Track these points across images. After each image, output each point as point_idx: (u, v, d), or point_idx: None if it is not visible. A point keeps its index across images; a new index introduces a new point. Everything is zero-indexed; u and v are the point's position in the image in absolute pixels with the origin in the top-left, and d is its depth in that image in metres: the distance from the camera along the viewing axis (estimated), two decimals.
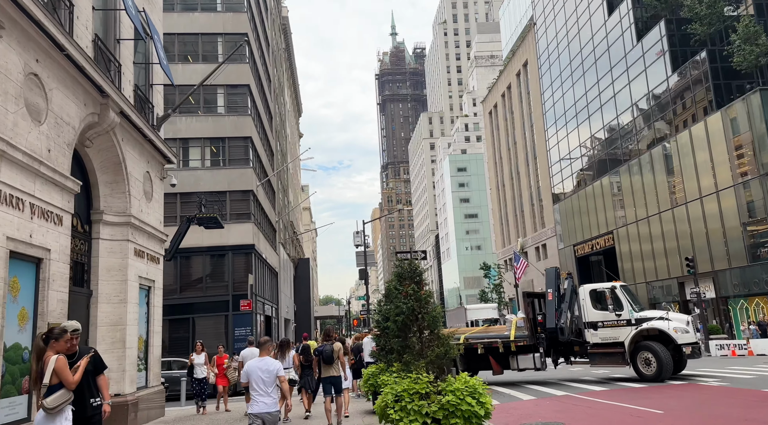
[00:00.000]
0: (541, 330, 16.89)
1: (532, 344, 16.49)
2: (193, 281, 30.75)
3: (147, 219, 13.03)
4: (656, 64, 41.39)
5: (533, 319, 17.00)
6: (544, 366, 16.51)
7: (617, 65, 46.50)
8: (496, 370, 16.80)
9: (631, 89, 45.17)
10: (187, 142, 31.81)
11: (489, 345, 16.65)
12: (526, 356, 16.52)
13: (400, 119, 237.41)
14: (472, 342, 16.74)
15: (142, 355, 12.75)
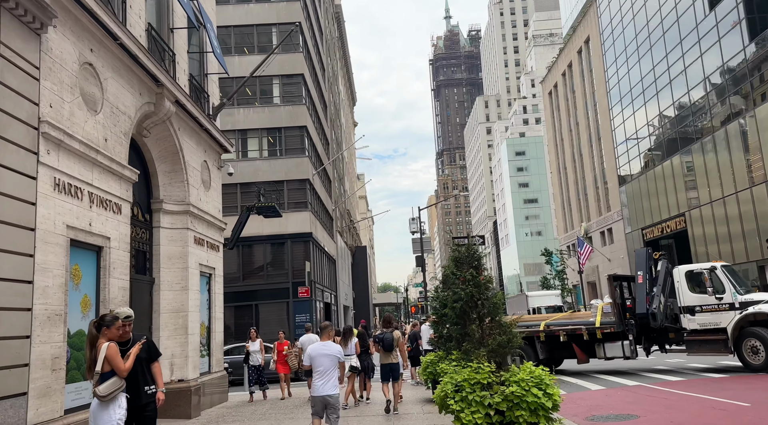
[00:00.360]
0: (631, 315, 15.83)
1: (621, 331, 15.47)
2: (255, 269, 31.45)
3: (206, 208, 13.19)
4: (731, 34, 38.43)
5: (621, 304, 15.93)
6: (634, 355, 15.44)
7: (687, 37, 43.56)
8: (581, 359, 15.94)
9: (703, 62, 42.26)
10: (245, 133, 32.37)
11: (572, 332, 15.78)
12: (614, 344, 15.52)
13: (455, 104, 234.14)
14: (553, 329, 15.97)
15: (204, 341, 12.98)
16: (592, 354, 15.92)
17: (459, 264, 7.79)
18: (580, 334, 15.73)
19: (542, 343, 15.89)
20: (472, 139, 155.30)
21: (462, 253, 7.75)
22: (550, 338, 15.98)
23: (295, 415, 10.86)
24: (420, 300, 38.65)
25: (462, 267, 7.74)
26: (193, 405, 11.12)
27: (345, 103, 67.69)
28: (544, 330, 15.98)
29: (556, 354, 16.29)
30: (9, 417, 5.88)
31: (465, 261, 7.72)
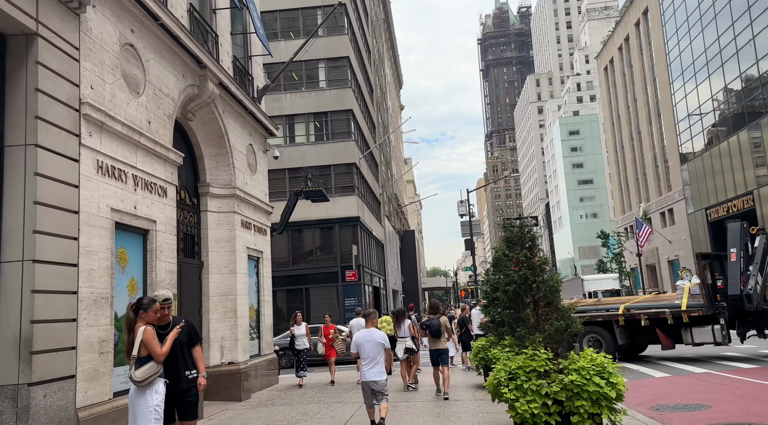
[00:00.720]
0: (722, 297, 14.47)
1: (711, 314, 14.20)
2: (304, 253, 31.69)
3: (252, 192, 13.14)
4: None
5: (711, 285, 14.63)
6: (726, 340, 14.15)
7: (756, 3, 40.45)
8: (666, 344, 14.78)
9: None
10: (292, 118, 32.46)
11: (655, 315, 14.57)
12: (703, 328, 14.28)
13: (504, 84, 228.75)
14: (634, 313, 14.83)
15: (254, 324, 13.02)
16: (678, 340, 14.70)
17: (511, 245, 7.31)
18: (663, 318, 14.50)
19: (622, 328, 14.83)
20: (522, 120, 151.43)
21: (515, 233, 7.26)
22: (631, 322, 14.87)
23: (344, 399, 10.71)
24: (470, 284, 38.08)
25: (514, 248, 7.25)
26: (243, 388, 11.15)
27: (391, 86, 67.07)
28: (623, 313, 14.83)
29: (638, 339, 15.25)
30: (58, 400, 5.90)
31: (518, 242, 7.23)
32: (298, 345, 13.19)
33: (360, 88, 36.65)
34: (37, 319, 5.71)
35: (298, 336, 13.20)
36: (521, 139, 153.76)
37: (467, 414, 8.57)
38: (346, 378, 14.03)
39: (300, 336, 13.20)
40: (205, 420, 8.97)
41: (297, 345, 13.20)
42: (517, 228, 7.28)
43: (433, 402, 9.78)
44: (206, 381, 5.37)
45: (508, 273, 7.14)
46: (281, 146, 32.02)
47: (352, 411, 9.31)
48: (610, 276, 40.04)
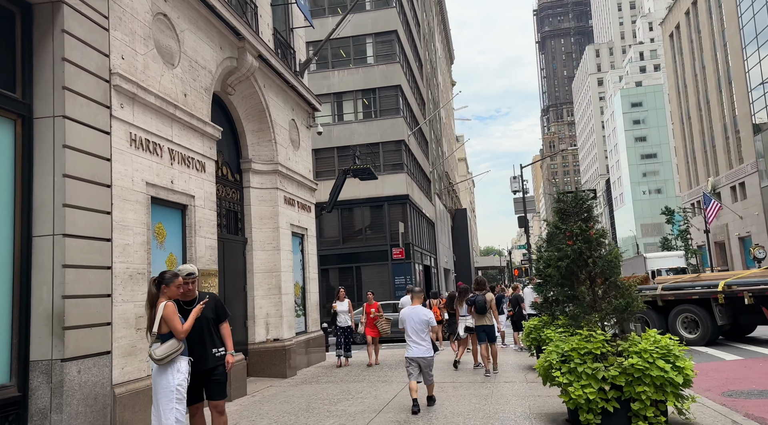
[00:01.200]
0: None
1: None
2: (354, 232, 31.62)
3: (295, 168, 12.92)
4: None
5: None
6: None
7: None
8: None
9: None
10: (340, 96, 32.17)
11: (761, 293, 12.98)
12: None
13: (561, 56, 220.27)
14: (736, 290, 13.41)
15: (299, 301, 12.91)
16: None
17: (565, 217, 6.69)
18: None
19: (722, 307, 13.54)
20: (581, 93, 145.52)
21: (568, 203, 6.62)
22: (732, 300, 13.50)
23: (390, 378, 10.44)
24: (523, 263, 37.05)
25: (568, 220, 6.62)
26: (289, 365, 11.06)
27: (442, 61, 65.59)
28: (723, 290, 13.49)
29: (743, 319, 13.95)
30: (93, 376, 5.85)
31: (572, 213, 6.59)
32: (340, 322, 12.58)
33: (409, 63, 35.87)
34: (69, 294, 5.63)
35: (340, 312, 12.59)
36: (579, 113, 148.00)
37: (517, 397, 8.08)
38: (393, 357, 13.79)
39: (342, 313, 12.57)
40: (248, 397, 8.90)
41: (339, 323, 12.61)
42: (571, 197, 6.64)
43: (481, 384, 9.34)
44: (235, 359, 5.14)
45: (561, 248, 6.53)
46: (329, 124, 31.88)
47: (396, 390, 9.00)
48: (675, 254, 37.93)
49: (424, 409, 7.38)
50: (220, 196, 10.45)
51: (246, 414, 7.60)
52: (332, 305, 12.89)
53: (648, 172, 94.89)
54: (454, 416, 6.99)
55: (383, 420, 6.91)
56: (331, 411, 7.56)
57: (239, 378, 8.82)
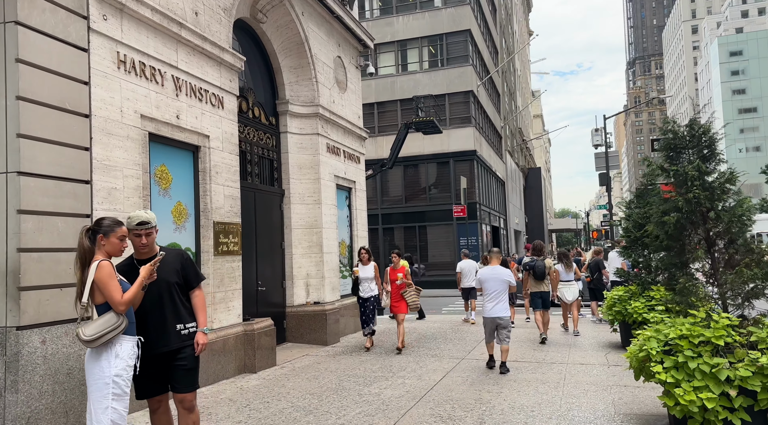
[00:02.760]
0: None
1: None
2: (418, 190, 30.04)
3: (341, 112, 11.47)
4: None
5: None
6: None
7: None
8: None
9: None
10: (404, 44, 30.13)
11: None
12: None
13: (651, 3, 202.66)
14: None
15: (345, 261, 11.69)
16: None
17: (674, 156, 4.83)
18: None
19: None
20: (672, 42, 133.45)
21: (679, 135, 4.76)
22: None
23: (441, 352, 9.05)
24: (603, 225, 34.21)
25: (680, 158, 4.78)
26: (329, 331, 9.92)
27: (518, 7, 61.15)
28: None
29: None
30: (63, 347, 4.82)
31: (685, 148, 4.73)
32: (363, 291, 9.64)
33: (480, 6, 33.05)
34: (27, 247, 4.56)
35: (363, 279, 9.64)
36: (670, 65, 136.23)
37: (596, 386, 6.45)
38: (448, 321, 12.39)
39: (366, 281, 9.63)
40: (276, 368, 7.81)
41: (361, 292, 9.66)
42: (685, 127, 4.76)
43: (550, 365, 7.75)
44: (207, 338, 3.84)
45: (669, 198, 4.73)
46: (393, 75, 30.06)
47: (446, 369, 7.60)
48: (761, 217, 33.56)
49: (476, 402, 5.93)
50: (251, 141, 9.22)
51: (263, 393, 6.47)
52: (353, 270, 10.10)
53: (746, 128, 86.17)
54: (513, 411, 5.50)
55: (421, 413, 5.53)
56: (362, 395, 6.27)
57: (266, 346, 7.72)
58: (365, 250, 9.78)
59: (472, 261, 13.95)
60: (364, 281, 9.60)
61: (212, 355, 6.81)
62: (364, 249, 9.78)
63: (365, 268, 9.64)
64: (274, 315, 9.33)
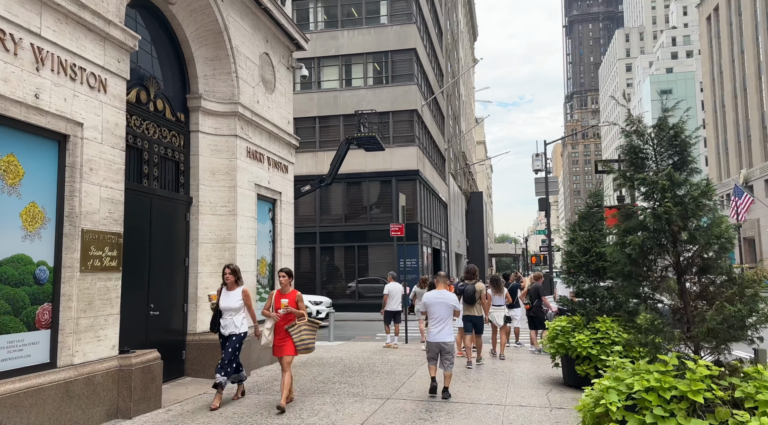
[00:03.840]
0: None
1: None
2: (360, 208, 29.00)
3: (266, 114, 10.30)
4: None
5: None
6: None
7: None
8: None
9: None
10: (349, 59, 29.33)
11: None
12: None
13: (589, 42, 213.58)
14: None
15: (266, 282, 10.39)
16: None
17: (640, 160, 3.96)
18: None
19: None
20: (608, 79, 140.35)
21: (647, 136, 3.89)
22: None
23: (364, 390, 7.89)
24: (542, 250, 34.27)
25: (644, 166, 3.92)
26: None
27: (464, 35, 62.12)
28: None
29: None
30: None
31: (654, 151, 3.87)
32: (223, 327, 6.92)
33: (426, 27, 32.81)
34: None
35: (224, 310, 6.90)
36: (605, 101, 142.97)
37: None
38: (379, 349, 11.27)
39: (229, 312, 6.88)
40: (160, 412, 6.40)
41: (222, 328, 6.94)
42: (652, 128, 3.91)
43: (486, 408, 6.74)
44: None
45: (634, 213, 3.84)
46: (336, 90, 29.14)
47: (367, 413, 6.44)
48: None
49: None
50: (150, 137, 7.89)
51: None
52: (210, 295, 7.23)
53: None
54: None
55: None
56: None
57: (148, 385, 6.32)
58: (227, 270, 6.78)
59: (399, 284, 13.40)
60: (226, 313, 6.84)
61: (69, 398, 5.38)
62: (228, 269, 6.80)
63: (228, 295, 6.81)
64: (171, 345, 7.93)
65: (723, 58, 63.15)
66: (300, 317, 6.74)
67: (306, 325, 6.73)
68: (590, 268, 8.25)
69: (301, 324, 6.70)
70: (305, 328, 6.71)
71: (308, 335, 6.71)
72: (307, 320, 6.79)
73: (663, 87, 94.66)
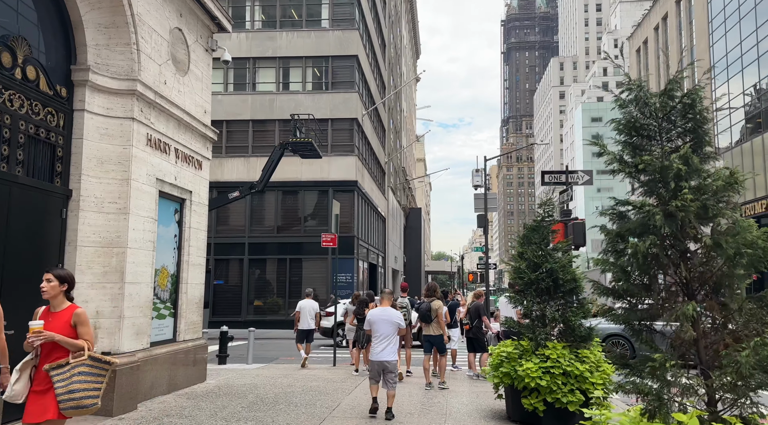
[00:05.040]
0: None
1: None
2: (294, 219, 27.37)
3: (176, 99, 8.81)
4: None
5: None
6: None
7: None
8: None
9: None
10: (287, 61, 27.97)
11: None
12: None
13: (525, 69, 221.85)
14: None
15: (167, 296, 8.79)
16: None
17: (641, 138, 2.91)
18: None
19: None
20: (542, 105, 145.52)
21: (652, 105, 2.86)
22: None
23: (277, 419, 6.50)
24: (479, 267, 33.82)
25: (649, 147, 2.88)
26: (121, 395, 6.95)
27: (407, 50, 62.10)
28: None
29: None
30: None
31: (661, 127, 2.84)
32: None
33: (369, 35, 31.99)
34: None
35: None
36: (539, 126, 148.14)
37: None
38: (303, 373, 9.86)
39: None
40: None
41: None
42: (659, 97, 2.89)
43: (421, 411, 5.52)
44: None
45: (640, 208, 2.77)
46: (272, 93, 27.64)
47: None
48: None
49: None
50: (14, 112, 6.27)
51: None
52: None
53: (603, 188, 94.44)
54: None
55: None
56: None
57: None
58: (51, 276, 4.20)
59: (313, 302, 12.50)
60: None
61: None
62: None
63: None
64: None
65: (651, 90, 66.42)
66: (76, 352, 3.97)
67: (86, 368, 3.96)
68: (540, 287, 7.28)
69: (75, 365, 3.92)
70: (83, 372, 3.93)
71: (86, 384, 3.91)
72: (87, 357, 3.99)
73: (594, 115, 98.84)
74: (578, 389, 6.72)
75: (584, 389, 6.71)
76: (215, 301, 26.17)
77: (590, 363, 6.87)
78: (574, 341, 7.07)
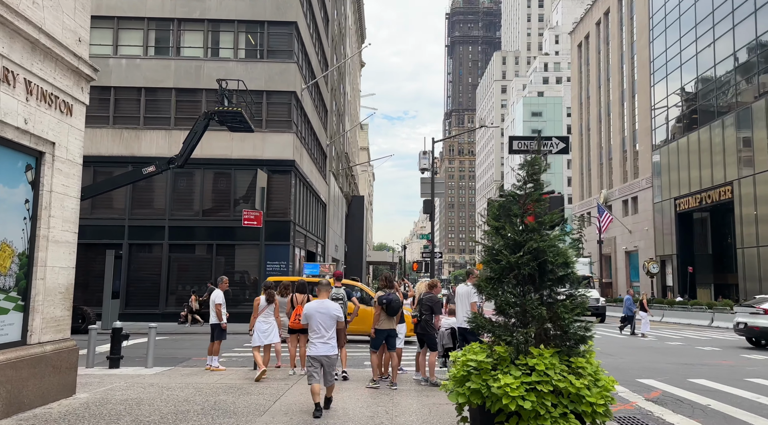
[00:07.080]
0: None
1: None
2: (223, 201, 24.62)
3: (29, 13, 6.35)
4: None
5: None
6: None
7: None
8: None
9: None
10: (217, 25, 25.12)
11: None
12: None
13: (468, 64, 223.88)
14: None
15: (11, 282, 6.37)
16: None
17: None
18: None
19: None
20: (484, 98, 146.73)
21: None
22: None
23: None
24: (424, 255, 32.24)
25: None
26: None
27: (352, 32, 59.71)
28: None
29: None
30: None
31: None
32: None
33: (311, 3, 29.52)
34: None
35: None
36: (480, 119, 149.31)
37: None
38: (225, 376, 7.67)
39: None
40: None
41: None
42: None
43: None
44: None
45: None
46: (199, 59, 24.73)
47: None
48: (581, 261, 35.10)
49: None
50: None
51: None
52: None
53: None
54: None
55: None
56: None
57: None
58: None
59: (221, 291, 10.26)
60: None
61: None
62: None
63: None
64: None
65: (591, 84, 67.11)
66: None
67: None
68: (522, 273, 5.42)
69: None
70: None
71: None
72: None
73: (534, 109, 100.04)
74: (572, 412, 4.95)
75: (580, 412, 4.95)
76: (129, 291, 23.21)
77: (588, 376, 5.11)
78: (566, 346, 5.28)
